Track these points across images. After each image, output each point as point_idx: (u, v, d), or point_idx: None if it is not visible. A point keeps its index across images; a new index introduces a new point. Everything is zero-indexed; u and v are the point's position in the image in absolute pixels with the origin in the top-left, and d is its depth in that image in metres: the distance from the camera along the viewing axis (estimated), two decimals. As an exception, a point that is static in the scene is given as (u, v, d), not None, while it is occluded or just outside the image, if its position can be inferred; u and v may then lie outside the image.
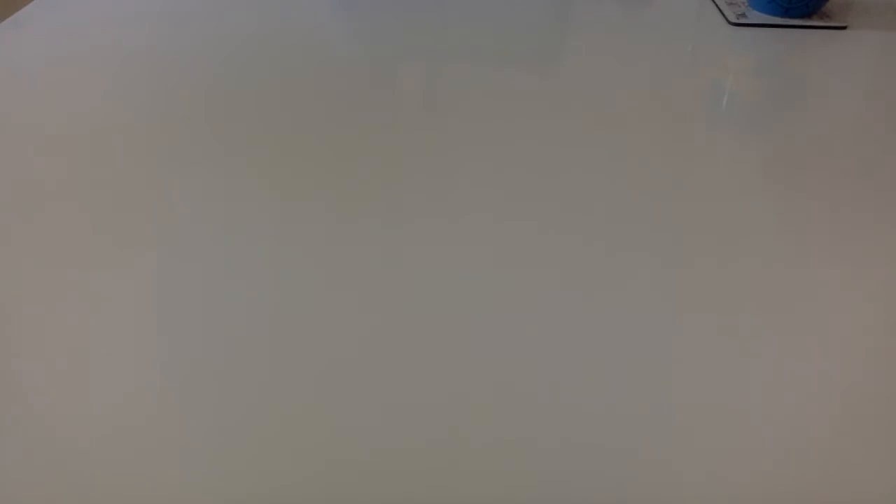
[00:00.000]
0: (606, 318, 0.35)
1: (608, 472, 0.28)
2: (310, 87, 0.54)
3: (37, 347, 0.33)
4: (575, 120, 0.51)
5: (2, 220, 0.41)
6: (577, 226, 0.41)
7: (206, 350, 0.33)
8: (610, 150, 0.47)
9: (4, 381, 0.32)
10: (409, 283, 0.37)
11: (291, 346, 0.34)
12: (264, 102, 0.53)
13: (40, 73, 0.56)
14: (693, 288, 0.37)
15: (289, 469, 0.28)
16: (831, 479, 0.28)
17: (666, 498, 0.28)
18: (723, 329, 0.35)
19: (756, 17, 0.67)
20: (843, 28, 0.66)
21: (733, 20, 0.66)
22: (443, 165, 0.46)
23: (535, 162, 0.46)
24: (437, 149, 0.47)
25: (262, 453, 0.29)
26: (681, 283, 0.37)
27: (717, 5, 0.70)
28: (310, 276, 0.37)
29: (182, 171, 0.45)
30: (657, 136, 0.49)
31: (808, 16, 0.67)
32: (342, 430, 0.30)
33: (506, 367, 0.33)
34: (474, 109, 0.52)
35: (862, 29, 0.66)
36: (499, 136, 0.49)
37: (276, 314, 0.35)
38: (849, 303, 0.36)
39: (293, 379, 0.32)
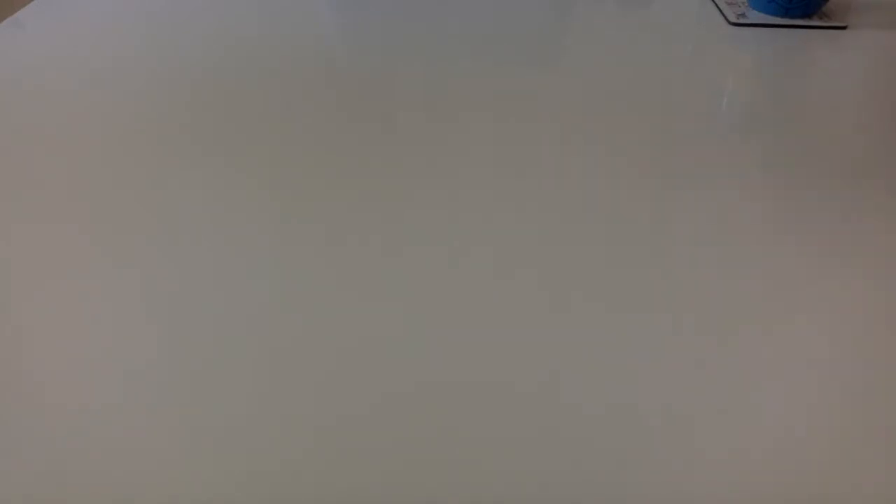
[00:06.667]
0: (607, 318, 0.35)
1: (607, 472, 0.28)
2: (309, 87, 0.54)
3: (36, 346, 0.33)
4: (575, 120, 0.51)
5: (2, 218, 0.41)
6: (576, 225, 0.41)
7: (204, 349, 0.33)
8: (609, 150, 0.47)
9: (5, 380, 0.32)
10: (409, 282, 0.37)
11: (290, 346, 0.34)
12: (264, 101, 0.53)
13: (40, 72, 0.56)
14: (692, 287, 0.37)
15: (286, 467, 0.28)
16: (831, 479, 0.28)
17: (665, 498, 0.28)
18: (722, 328, 0.35)
19: (756, 17, 0.67)
20: (843, 28, 0.66)
21: (733, 20, 0.66)
22: (442, 165, 0.46)
23: (534, 162, 0.46)
24: (436, 148, 0.47)
25: (260, 451, 0.29)
26: (680, 283, 0.37)
27: (717, 5, 0.70)
28: (308, 275, 0.37)
29: (181, 171, 0.45)
30: (657, 135, 0.49)
31: (808, 16, 0.67)
32: (342, 430, 0.30)
33: (506, 369, 0.33)
34: (474, 109, 0.52)
35: (862, 29, 0.66)
36: (498, 135, 0.49)
37: (275, 314, 0.35)
38: (848, 303, 0.36)
39: (293, 378, 0.32)
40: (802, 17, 0.67)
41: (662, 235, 0.40)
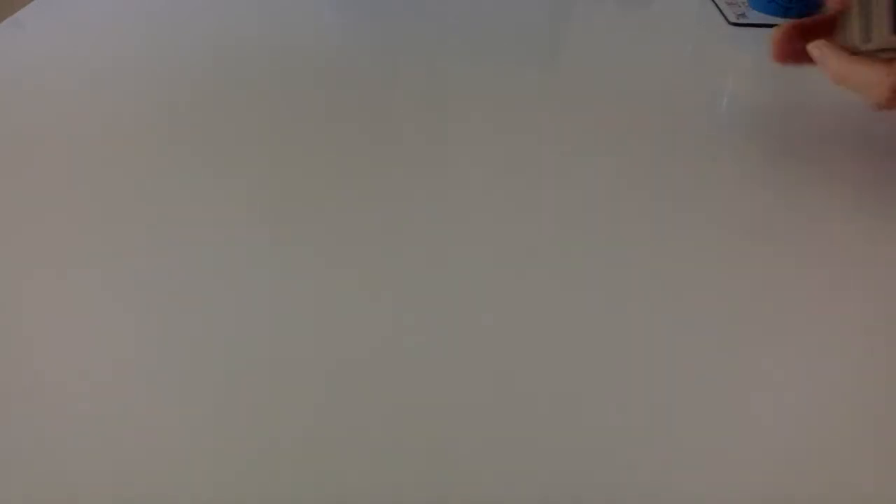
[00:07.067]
0: (607, 318, 0.35)
1: (606, 472, 0.28)
2: (309, 87, 0.54)
3: (36, 346, 0.34)
4: (574, 120, 0.51)
5: (2, 218, 0.41)
6: (576, 226, 0.41)
7: (204, 349, 0.33)
8: (609, 150, 0.47)
9: (5, 380, 0.32)
10: (409, 282, 0.37)
11: (291, 346, 0.34)
12: (264, 101, 0.53)
13: (40, 72, 0.56)
14: (692, 289, 0.37)
15: (287, 467, 0.28)
16: (831, 479, 0.28)
17: (665, 499, 0.28)
18: (722, 328, 0.35)
19: (756, 17, 0.67)
20: (843, 28, 0.66)
21: (733, 20, 0.66)
22: (442, 164, 0.46)
23: (534, 162, 0.46)
24: (436, 148, 0.47)
25: (260, 451, 0.29)
26: (680, 284, 0.37)
27: (717, 5, 0.70)
28: (309, 274, 0.37)
29: (181, 171, 0.45)
30: (657, 136, 0.49)
31: (808, 16, 0.67)
32: (342, 429, 0.30)
33: (505, 369, 0.33)
34: (474, 109, 0.52)
35: (862, 29, 0.65)
36: (498, 135, 0.49)
37: (275, 313, 0.35)
38: (849, 303, 0.36)
39: (293, 378, 0.32)
40: (802, 17, 0.66)
41: (662, 235, 0.40)
